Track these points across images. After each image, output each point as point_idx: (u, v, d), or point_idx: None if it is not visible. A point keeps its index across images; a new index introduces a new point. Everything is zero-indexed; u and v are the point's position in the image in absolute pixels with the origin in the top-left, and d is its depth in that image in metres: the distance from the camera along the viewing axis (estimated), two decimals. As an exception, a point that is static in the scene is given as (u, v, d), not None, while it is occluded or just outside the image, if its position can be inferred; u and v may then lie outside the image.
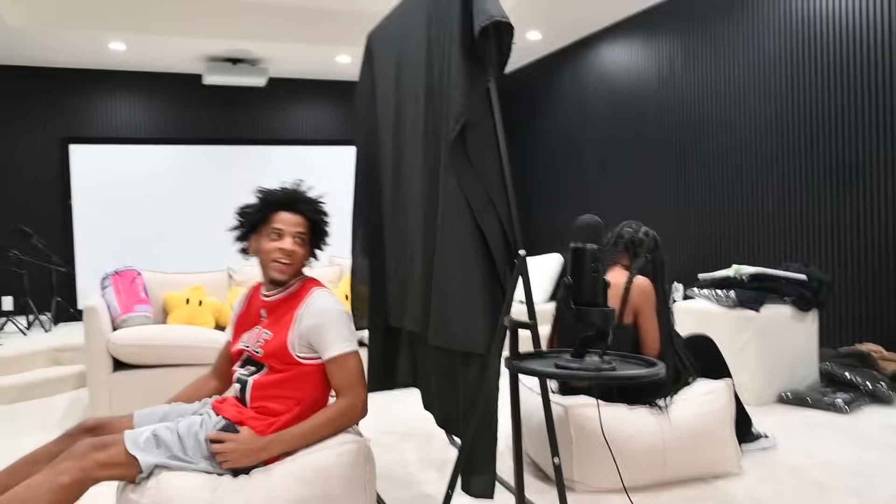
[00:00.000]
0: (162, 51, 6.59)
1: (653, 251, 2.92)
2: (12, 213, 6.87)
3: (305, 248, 2.30)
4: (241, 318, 2.40)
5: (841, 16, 4.35)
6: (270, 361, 2.20)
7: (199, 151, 7.59)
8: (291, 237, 2.25)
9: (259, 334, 2.26)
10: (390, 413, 4.01)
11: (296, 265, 2.27)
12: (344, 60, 7.20)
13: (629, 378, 1.73)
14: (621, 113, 6.29)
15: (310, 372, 2.21)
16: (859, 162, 4.28)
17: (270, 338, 2.22)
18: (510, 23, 2.00)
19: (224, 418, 2.14)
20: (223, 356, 2.48)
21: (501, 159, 2.08)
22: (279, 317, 2.25)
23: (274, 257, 2.24)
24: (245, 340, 2.31)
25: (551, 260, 6.77)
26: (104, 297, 4.27)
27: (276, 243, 2.24)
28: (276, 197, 2.28)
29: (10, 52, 6.46)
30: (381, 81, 2.77)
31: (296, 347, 2.19)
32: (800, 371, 4.04)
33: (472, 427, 2.11)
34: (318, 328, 2.18)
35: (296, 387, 2.20)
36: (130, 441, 1.98)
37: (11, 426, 4.01)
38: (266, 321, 2.28)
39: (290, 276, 2.27)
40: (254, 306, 2.37)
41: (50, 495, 1.84)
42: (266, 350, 2.20)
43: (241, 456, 2.03)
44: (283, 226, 2.24)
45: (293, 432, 2.11)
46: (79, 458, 1.89)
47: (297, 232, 2.25)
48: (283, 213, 2.26)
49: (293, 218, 2.26)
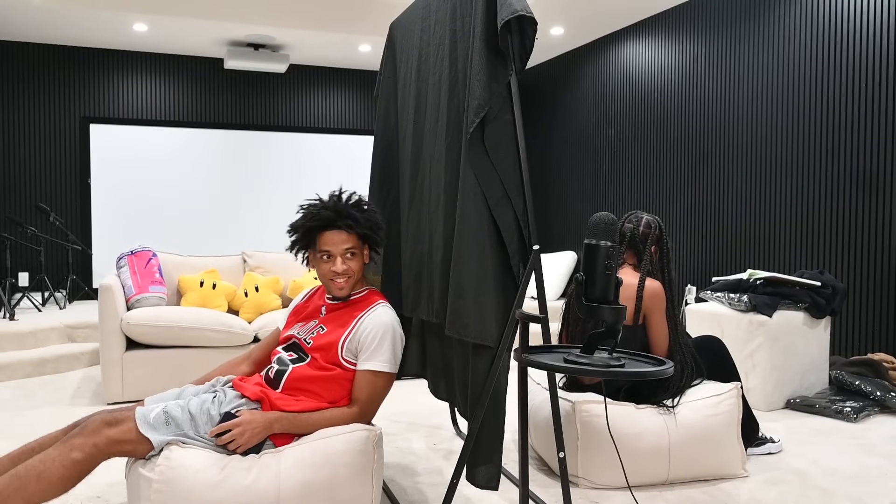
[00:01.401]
0: (184, 33, 6.63)
1: (657, 241, 2.90)
2: (32, 190, 6.94)
3: (360, 259, 2.31)
4: (297, 310, 2.45)
5: (865, 21, 4.32)
6: (316, 354, 2.24)
7: (219, 135, 7.63)
8: (341, 256, 2.25)
9: (315, 327, 2.30)
10: (398, 403, 4.03)
11: (354, 278, 2.29)
12: (365, 49, 7.21)
13: (637, 375, 1.74)
14: (642, 112, 6.27)
15: (349, 378, 2.25)
16: (880, 170, 4.26)
17: (324, 332, 2.27)
18: (533, 17, 2.01)
19: (242, 394, 2.17)
20: (265, 344, 2.50)
21: (519, 154, 2.09)
22: (338, 317, 2.30)
23: (329, 278, 2.27)
24: (297, 330, 2.35)
25: (565, 257, 6.78)
26: (119, 276, 4.31)
27: (328, 265, 2.25)
28: (317, 219, 2.25)
29: (32, 30, 6.52)
30: (403, 72, 2.78)
31: (344, 349, 2.23)
32: (809, 378, 4.03)
33: (478, 418, 2.12)
34: (373, 338, 2.22)
35: (330, 388, 2.24)
36: (141, 419, 2.01)
37: (26, 399, 4.07)
38: (324, 318, 2.32)
39: (350, 289, 2.30)
40: (315, 303, 2.42)
41: (63, 469, 1.88)
42: (316, 342, 2.25)
43: (250, 436, 2.07)
44: (330, 248, 2.25)
45: (296, 417, 2.15)
46: (91, 433, 1.93)
47: (345, 249, 2.25)
48: (328, 234, 2.25)
49: (339, 236, 2.25)
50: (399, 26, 2.88)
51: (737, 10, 5.24)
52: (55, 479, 1.87)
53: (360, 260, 2.31)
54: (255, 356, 2.50)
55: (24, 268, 6.88)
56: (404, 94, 2.75)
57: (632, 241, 2.91)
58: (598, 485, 2.73)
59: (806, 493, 2.71)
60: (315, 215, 2.26)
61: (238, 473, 2.00)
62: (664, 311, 2.82)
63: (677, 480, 2.80)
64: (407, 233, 2.69)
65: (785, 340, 3.89)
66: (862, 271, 4.37)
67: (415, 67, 2.64)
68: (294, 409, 2.18)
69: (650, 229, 2.89)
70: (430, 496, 2.65)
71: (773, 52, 4.95)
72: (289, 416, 2.14)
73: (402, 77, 2.78)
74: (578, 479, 2.74)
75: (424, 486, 2.76)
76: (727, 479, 2.85)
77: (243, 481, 1.99)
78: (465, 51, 2.26)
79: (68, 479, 1.89)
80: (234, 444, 2.06)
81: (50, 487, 1.87)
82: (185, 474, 1.96)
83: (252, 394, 2.18)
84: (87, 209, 7.14)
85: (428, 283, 2.48)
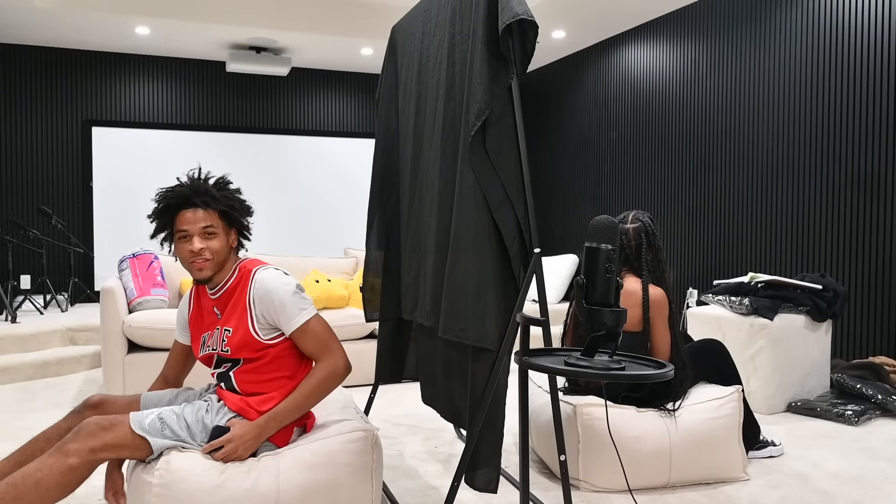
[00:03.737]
0: (186, 37, 6.64)
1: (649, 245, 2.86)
2: (34, 193, 6.96)
3: (222, 237, 2.19)
4: (194, 321, 2.32)
5: (867, 25, 4.32)
6: (242, 354, 2.17)
7: (221, 138, 7.64)
8: (199, 235, 2.14)
9: (221, 334, 2.20)
10: (398, 405, 4.03)
11: (217, 258, 2.17)
12: (367, 52, 7.22)
13: (638, 378, 1.74)
14: (644, 115, 6.27)
15: (284, 349, 2.19)
16: (881, 174, 4.25)
17: (232, 333, 2.17)
18: (535, 21, 2.01)
19: (227, 407, 2.16)
20: (174, 360, 2.40)
21: (521, 157, 2.10)
22: (232, 310, 2.20)
23: (189, 260, 2.16)
24: (209, 344, 2.24)
25: (566, 260, 6.78)
26: (121, 279, 4.32)
27: (186, 245, 2.15)
28: (169, 199, 2.16)
29: (35, 33, 6.53)
30: (404, 75, 2.79)
31: (260, 333, 2.16)
32: (811, 381, 4.02)
33: (478, 421, 2.12)
34: (272, 306, 2.14)
35: (277, 366, 2.19)
36: (136, 424, 2.01)
37: (28, 402, 4.07)
38: (222, 318, 2.22)
39: (213, 270, 2.18)
40: (205, 306, 2.29)
41: (60, 476, 1.87)
42: (233, 346, 2.16)
43: (243, 449, 2.05)
44: (187, 226, 2.14)
45: (283, 408, 2.10)
46: (87, 438, 1.92)
47: (203, 228, 2.15)
48: (185, 213, 2.15)
49: (195, 214, 2.15)
50: (400, 30, 2.89)
51: (738, 13, 5.25)
52: (53, 485, 1.86)
53: (222, 240, 2.18)
54: (170, 377, 2.40)
55: (26, 270, 6.90)
56: (405, 98, 2.76)
57: (626, 259, 2.88)
58: (599, 488, 2.72)
59: (807, 497, 2.70)
60: (170, 193, 2.16)
61: (237, 476, 2.01)
62: (666, 319, 2.83)
63: (678, 483, 2.80)
64: (406, 236, 2.69)
65: (786, 344, 3.88)
66: (863, 274, 4.36)
67: (415, 71, 2.65)
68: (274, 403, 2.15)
69: (640, 240, 2.86)
70: (431, 499, 2.65)
71: (774, 56, 4.95)
72: (276, 413, 2.10)
73: (403, 81, 2.79)
74: (579, 482, 2.74)
75: (425, 489, 2.76)
76: (728, 482, 2.85)
77: (243, 484, 1.99)
78: (462, 54, 2.27)
79: (66, 486, 1.88)
80: (228, 459, 2.04)
81: (49, 494, 1.86)
82: (184, 478, 1.96)
83: (235, 406, 2.15)
84: (88, 212, 7.15)
85: (423, 286, 2.49)
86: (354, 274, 5.26)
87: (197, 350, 2.29)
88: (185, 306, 2.37)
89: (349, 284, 4.85)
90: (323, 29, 6.44)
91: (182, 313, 2.38)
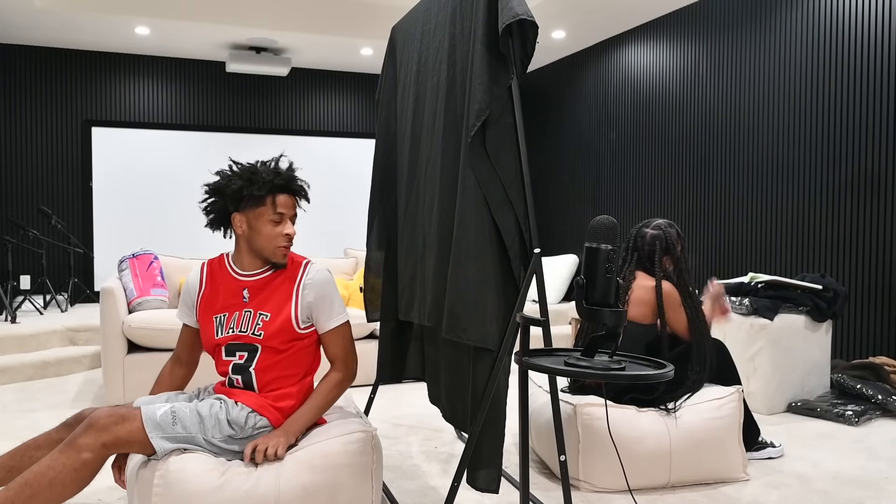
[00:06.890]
0: (186, 37, 6.64)
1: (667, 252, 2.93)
2: (33, 193, 6.95)
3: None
4: (206, 301, 2.25)
5: (868, 26, 4.32)
6: (273, 342, 2.16)
7: (221, 139, 7.64)
8: (291, 220, 2.22)
9: (254, 317, 2.17)
10: (399, 406, 4.03)
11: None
12: (367, 53, 7.22)
13: (638, 378, 1.73)
14: (644, 115, 6.27)
15: (308, 345, 2.25)
16: (881, 174, 4.25)
17: (270, 318, 2.16)
18: (535, 21, 2.01)
19: (245, 406, 2.14)
20: (184, 343, 2.37)
21: (521, 157, 2.10)
22: (270, 295, 2.19)
23: (279, 243, 2.18)
24: (231, 327, 2.19)
25: (567, 261, 6.78)
26: (121, 279, 4.32)
27: (280, 228, 2.18)
28: (278, 180, 2.18)
29: (35, 33, 6.53)
30: (403, 76, 2.79)
31: (300, 322, 2.19)
32: (811, 381, 4.02)
33: (479, 421, 2.12)
34: (324, 300, 2.21)
35: (297, 361, 2.23)
36: (149, 418, 2.00)
37: (28, 402, 4.07)
38: (254, 301, 2.20)
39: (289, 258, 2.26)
40: (228, 287, 2.23)
41: (74, 473, 1.87)
42: (268, 331, 2.15)
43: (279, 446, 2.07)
44: (285, 210, 2.19)
45: (301, 417, 2.16)
46: (99, 433, 1.91)
47: (293, 214, 2.23)
48: (282, 196, 2.19)
49: (290, 200, 2.21)
50: (400, 30, 2.89)
51: (738, 13, 5.25)
52: (68, 482, 1.86)
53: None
54: (183, 357, 2.38)
55: (26, 270, 6.89)
56: (404, 98, 2.76)
57: (639, 260, 2.97)
58: (599, 488, 2.72)
59: (807, 497, 2.70)
60: (274, 174, 2.18)
61: (238, 478, 2.00)
62: (677, 307, 2.88)
63: (678, 484, 2.80)
64: (403, 236, 2.69)
65: (786, 344, 3.88)
66: (863, 275, 4.36)
67: (414, 71, 2.64)
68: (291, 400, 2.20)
69: (655, 245, 2.93)
70: (431, 499, 2.65)
71: (774, 56, 4.95)
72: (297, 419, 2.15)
73: (403, 81, 2.79)
74: (579, 482, 2.74)
75: (425, 489, 2.76)
76: (728, 482, 2.85)
77: (243, 485, 1.99)
78: (463, 54, 2.27)
79: (81, 481, 1.89)
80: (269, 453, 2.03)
81: (64, 491, 1.86)
82: (185, 478, 1.96)
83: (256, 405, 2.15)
84: (88, 212, 7.15)
85: (421, 286, 2.49)
86: (354, 274, 5.26)
87: (210, 332, 2.22)
88: (195, 285, 2.31)
89: (349, 284, 4.85)
90: (323, 29, 6.44)
91: (190, 293, 2.32)
